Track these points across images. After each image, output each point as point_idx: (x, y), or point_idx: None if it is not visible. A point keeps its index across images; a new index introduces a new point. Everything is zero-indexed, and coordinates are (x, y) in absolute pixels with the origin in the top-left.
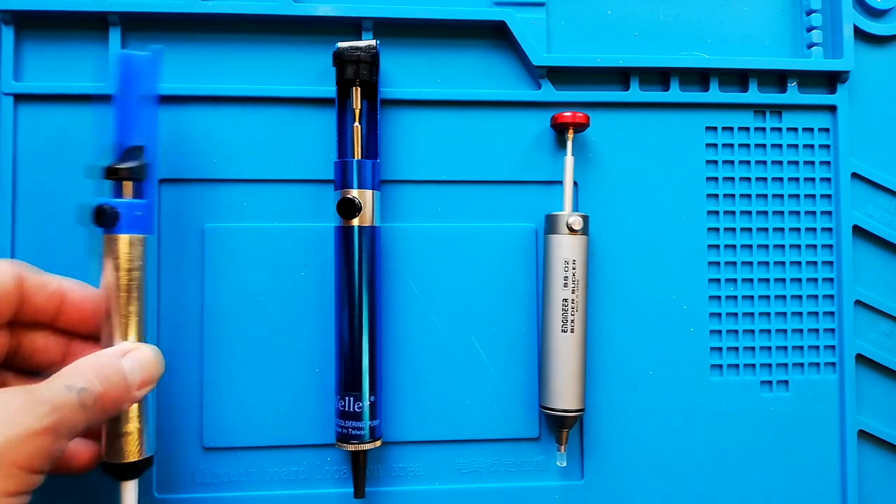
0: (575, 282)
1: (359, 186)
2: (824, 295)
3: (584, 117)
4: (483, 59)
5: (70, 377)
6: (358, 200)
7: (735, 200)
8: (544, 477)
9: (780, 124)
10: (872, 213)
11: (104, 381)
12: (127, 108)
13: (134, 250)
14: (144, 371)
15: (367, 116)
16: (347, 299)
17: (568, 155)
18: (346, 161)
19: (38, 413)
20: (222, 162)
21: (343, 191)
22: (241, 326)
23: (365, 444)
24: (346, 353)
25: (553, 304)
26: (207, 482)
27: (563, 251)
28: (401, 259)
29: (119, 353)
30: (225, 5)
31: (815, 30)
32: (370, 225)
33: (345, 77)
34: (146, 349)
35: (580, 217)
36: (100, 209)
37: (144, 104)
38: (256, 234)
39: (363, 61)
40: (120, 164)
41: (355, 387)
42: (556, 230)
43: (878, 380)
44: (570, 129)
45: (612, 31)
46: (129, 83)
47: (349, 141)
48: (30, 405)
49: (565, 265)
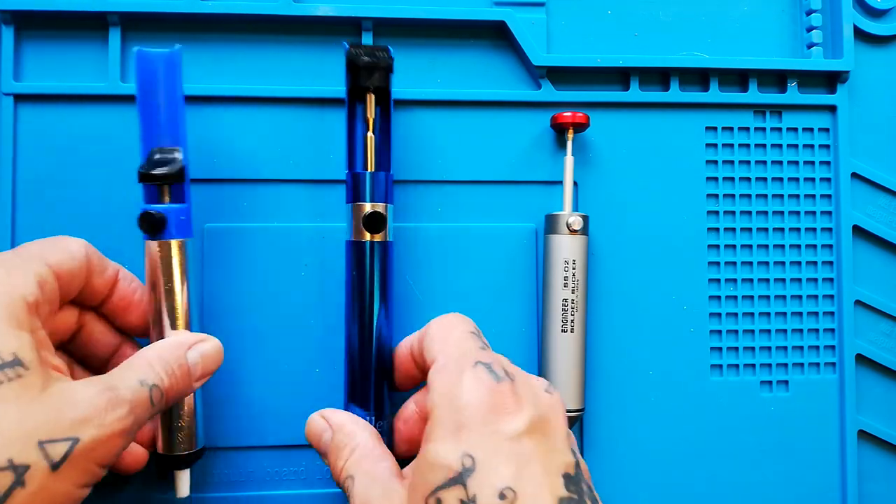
0: (575, 282)
1: (372, 200)
2: (824, 295)
3: (584, 117)
4: (483, 59)
5: (142, 370)
6: (385, 215)
7: (735, 200)
8: None
9: (780, 124)
10: (872, 213)
11: (171, 375)
12: (153, 108)
13: (183, 252)
14: (206, 364)
15: (381, 125)
16: (359, 316)
17: (568, 155)
18: (360, 174)
19: (120, 414)
20: (222, 162)
21: (361, 204)
22: (241, 326)
23: None
24: (357, 370)
25: (553, 304)
26: (208, 482)
27: (562, 251)
28: (401, 259)
29: (184, 344)
30: (225, 5)
31: (815, 30)
32: (384, 240)
33: (359, 83)
34: (210, 343)
35: (580, 217)
36: (147, 216)
37: (171, 103)
38: (256, 234)
39: (381, 67)
40: (157, 169)
41: (364, 403)
42: (556, 230)
43: (878, 380)
44: (570, 129)
45: (612, 31)
46: (150, 81)
47: (360, 151)
48: (112, 405)
49: (565, 265)
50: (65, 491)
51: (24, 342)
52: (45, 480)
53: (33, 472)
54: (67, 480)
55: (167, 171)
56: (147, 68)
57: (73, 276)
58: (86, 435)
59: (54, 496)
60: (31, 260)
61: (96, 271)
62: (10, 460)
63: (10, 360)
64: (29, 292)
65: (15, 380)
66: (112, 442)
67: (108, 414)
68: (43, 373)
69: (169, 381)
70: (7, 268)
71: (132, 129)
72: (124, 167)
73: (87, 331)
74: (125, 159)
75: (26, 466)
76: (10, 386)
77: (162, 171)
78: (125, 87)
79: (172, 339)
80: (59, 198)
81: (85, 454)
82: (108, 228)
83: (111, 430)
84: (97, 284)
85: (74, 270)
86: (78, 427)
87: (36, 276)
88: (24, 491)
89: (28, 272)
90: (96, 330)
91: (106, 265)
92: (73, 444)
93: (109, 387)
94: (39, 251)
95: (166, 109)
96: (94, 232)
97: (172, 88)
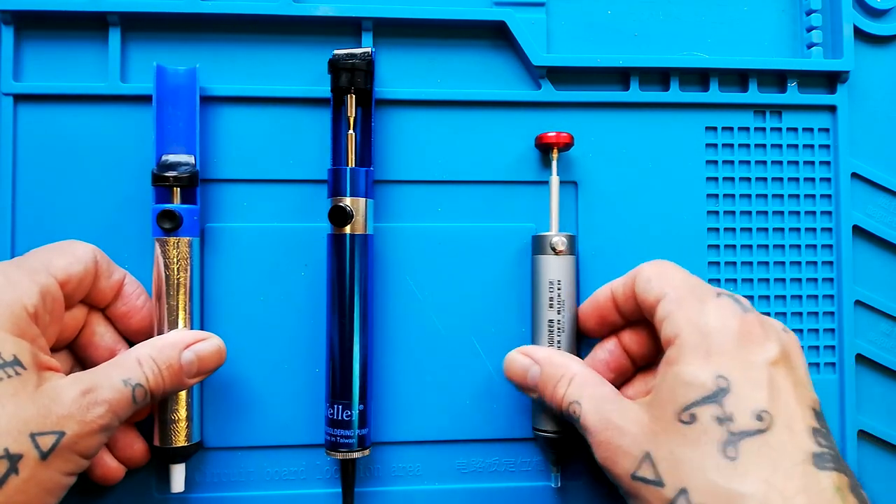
0: (560, 302)
1: (352, 194)
2: (824, 295)
3: (569, 137)
4: (483, 59)
5: (128, 369)
6: (350, 208)
7: (735, 200)
8: (543, 477)
9: (780, 124)
10: (872, 213)
11: (156, 375)
12: (168, 119)
13: (190, 250)
14: (202, 363)
15: (362, 124)
16: (339, 307)
17: (553, 175)
18: (340, 168)
19: (98, 413)
20: (222, 162)
21: (335, 198)
22: (241, 326)
23: (353, 453)
24: (337, 362)
25: (540, 324)
26: (207, 482)
27: (549, 272)
28: (401, 259)
29: (181, 343)
30: (225, 5)
31: (815, 30)
32: (363, 233)
33: (339, 85)
34: (209, 342)
35: (564, 237)
36: (169, 213)
37: (186, 115)
38: (256, 234)
39: (358, 69)
40: (172, 173)
41: (345, 395)
42: (542, 251)
43: (878, 380)
44: (555, 149)
45: (612, 31)
46: (166, 93)
47: (343, 148)
48: (91, 405)
49: (550, 286)
50: (52, 478)
51: (24, 347)
52: (35, 469)
53: (26, 460)
54: (54, 469)
55: (181, 174)
56: (164, 84)
57: (80, 281)
58: (70, 430)
59: (43, 482)
60: (35, 270)
61: (103, 275)
62: (6, 449)
63: (10, 361)
64: (31, 302)
65: (14, 377)
66: (92, 436)
67: (87, 412)
68: (38, 372)
69: (154, 381)
70: (12, 278)
71: (132, 130)
72: (124, 167)
73: (91, 331)
74: (125, 159)
75: (20, 455)
76: (9, 382)
77: (175, 174)
78: (125, 88)
79: (170, 337)
80: (59, 198)
81: (70, 446)
82: (107, 228)
83: (90, 427)
84: (103, 288)
85: (80, 275)
86: (63, 422)
87: (39, 287)
88: (17, 478)
89: (32, 283)
90: (99, 331)
91: (113, 270)
92: (60, 437)
93: (91, 387)
94: (46, 260)
95: (182, 121)
96: (93, 231)
97: (190, 103)
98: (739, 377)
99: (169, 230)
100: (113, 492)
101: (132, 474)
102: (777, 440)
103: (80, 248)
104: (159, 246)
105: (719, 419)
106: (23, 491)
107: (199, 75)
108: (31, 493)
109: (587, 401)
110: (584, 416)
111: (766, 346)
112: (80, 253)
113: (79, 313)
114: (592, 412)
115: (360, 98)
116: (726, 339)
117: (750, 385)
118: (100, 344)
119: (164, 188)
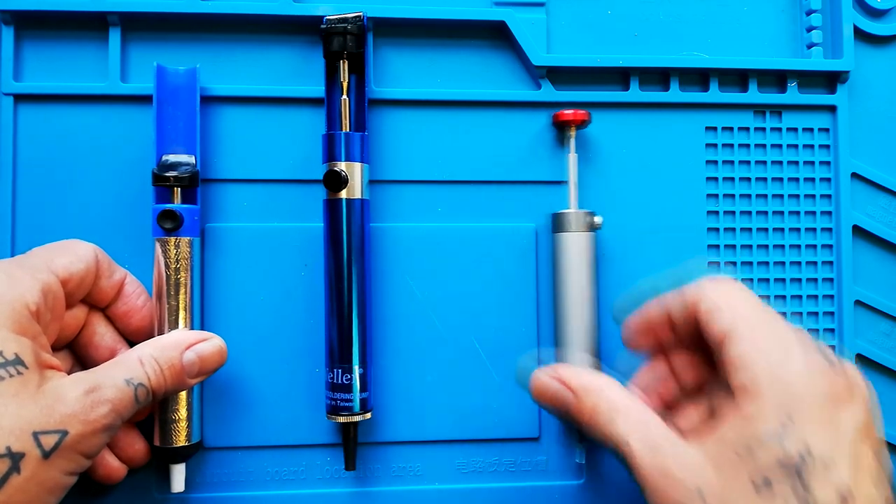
0: (590, 278)
1: (346, 159)
2: (824, 295)
3: (586, 114)
4: (483, 59)
5: (130, 369)
6: (344, 173)
7: (735, 200)
8: (544, 477)
9: (780, 124)
10: (872, 213)
11: (158, 375)
12: (168, 119)
13: (190, 250)
14: (204, 364)
15: (356, 89)
16: (335, 271)
17: (571, 152)
18: (334, 133)
19: (102, 412)
20: (222, 162)
21: (330, 163)
22: (241, 326)
23: (355, 416)
24: (335, 325)
25: (572, 300)
26: (207, 482)
27: (578, 249)
28: (401, 259)
29: (182, 343)
30: (225, 5)
31: (815, 30)
32: (359, 198)
33: (331, 50)
34: (211, 342)
35: (590, 214)
36: (170, 213)
37: (186, 115)
38: (256, 234)
39: (350, 33)
40: (172, 173)
41: (344, 358)
42: (566, 228)
43: (878, 380)
44: (572, 127)
45: (612, 31)
46: (166, 93)
47: (337, 113)
48: (94, 404)
49: (576, 263)
50: (54, 477)
51: (26, 345)
52: (37, 468)
53: (28, 459)
54: (56, 468)
55: (181, 174)
56: (165, 84)
57: (81, 279)
58: (73, 429)
59: (45, 482)
60: (37, 268)
61: (104, 275)
62: (9, 448)
63: (12, 359)
64: (32, 300)
65: (16, 376)
66: (95, 436)
67: (91, 412)
68: (40, 371)
69: (156, 381)
70: (14, 275)
71: (132, 130)
72: (124, 167)
73: (91, 330)
74: (125, 159)
75: (22, 454)
76: (12, 382)
77: (175, 174)
78: (125, 88)
79: (172, 337)
80: (59, 197)
81: (72, 446)
82: (108, 228)
83: (93, 427)
84: (104, 287)
85: (82, 273)
86: (66, 421)
87: (41, 285)
88: (19, 477)
89: (33, 280)
90: (99, 331)
91: (114, 269)
92: (63, 436)
93: (95, 386)
94: (47, 258)
95: (182, 121)
96: (94, 231)
97: (190, 103)
98: (825, 448)
99: (169, 230)
100: (113, 492)
101: (132, 474)
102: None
103: (82, 246)
104: (160, 246)
105: (798, 492)
106: (24, 490)
107: (199, 75)
108: (33, 493)
109: (637, 442)
110: (636, 460)
111: (852, 408)
112: (82, 252)
113: (79, 313)
114: (646, 456)
115: (353, 64)
116: (813, 402)
117: (835, 458)
118: (100, 343)
119: (165, 188)
